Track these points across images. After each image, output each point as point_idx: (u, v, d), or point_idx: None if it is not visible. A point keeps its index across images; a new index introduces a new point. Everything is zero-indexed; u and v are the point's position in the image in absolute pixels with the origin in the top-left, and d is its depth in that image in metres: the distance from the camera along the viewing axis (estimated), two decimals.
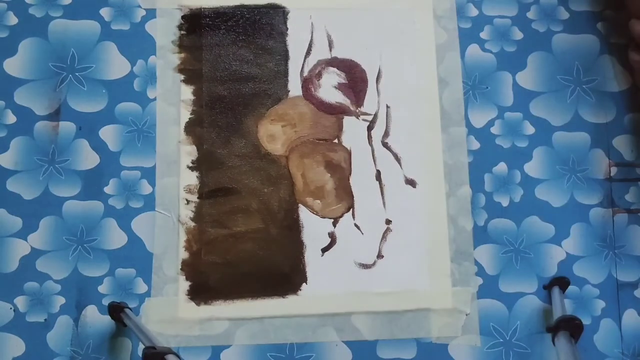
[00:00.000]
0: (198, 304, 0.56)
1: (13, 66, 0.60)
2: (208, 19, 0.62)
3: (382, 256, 0.58)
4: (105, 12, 0.61)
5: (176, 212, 0.58)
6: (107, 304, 0.55)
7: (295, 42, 0.62)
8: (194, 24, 0.61)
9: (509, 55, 0.62)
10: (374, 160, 0.60)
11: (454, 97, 0.61)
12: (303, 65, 0.61)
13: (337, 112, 0.61)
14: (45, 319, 0.55)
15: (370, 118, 0.61)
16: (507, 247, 0.58)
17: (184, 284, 0.57)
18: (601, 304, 0.58)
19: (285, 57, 0.62)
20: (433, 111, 0.61)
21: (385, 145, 0.60)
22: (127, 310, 0.54)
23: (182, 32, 0.61)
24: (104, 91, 0.60)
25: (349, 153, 0.60)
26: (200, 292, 0.56)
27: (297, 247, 0.58)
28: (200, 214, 0.58)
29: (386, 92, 0.61)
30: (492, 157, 0.60)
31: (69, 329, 0.55)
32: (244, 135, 0.60)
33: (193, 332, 0.56)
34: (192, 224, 0.58)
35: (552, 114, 0.61)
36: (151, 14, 0.61)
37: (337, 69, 0.61)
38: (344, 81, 0.61)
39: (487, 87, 0.62)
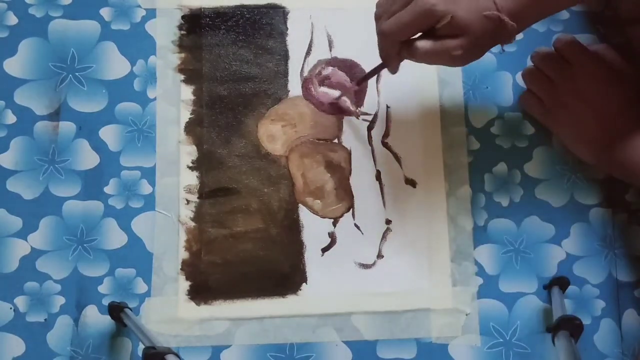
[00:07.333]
0: (198, 304, 0.56)
1: (13, 66, 0.60)
2: (208, 19, 0.62)
3: (382, 256, 0.58)
4: (105, 12, 0.61)
5: (176, 212, 0.58)
6: (107, 304, 0.55)
7: (295, 42, 0.62)
8: (194, 24, 0.61)
9: (509, 55, 0.62)
10: (374, 160, 0.60)
11: (454, 97, 0.61)
12: (303, 65, 0.61)
13: (337, 112, 0.61)
14: (45, 319, 0.55)
15: (370, 118, 0.61)
16: (507, 247, 0.58)
17: (184, 284, 0.57)
18: (601, 304, 0.58)
19: (285, 57, 0.61)
20: (433, 111, 0.61)
21: (385, 145, 0.60)
22: (127, 310, 0.54)
23: (182, 32, 0.61)
24: (104, 91, 0.60)
25: (349, 153, 0.60)
26: (200, 292, 0.56)
27: (297, 247, 0.58)
28: (200, 214, 0.58)
29: (386, 92, 0.61)
30: (492, 157, 0.60)
31: (69, 329, 0.55)
32: (244, 135, 0.60)
33: (193, 332, 0.56)
34: (192, 224, 0.58)
35: None
36: (151, 14, 0.61)
37: (337, 69, 0.61)
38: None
39: (487, 87, 0.62)
